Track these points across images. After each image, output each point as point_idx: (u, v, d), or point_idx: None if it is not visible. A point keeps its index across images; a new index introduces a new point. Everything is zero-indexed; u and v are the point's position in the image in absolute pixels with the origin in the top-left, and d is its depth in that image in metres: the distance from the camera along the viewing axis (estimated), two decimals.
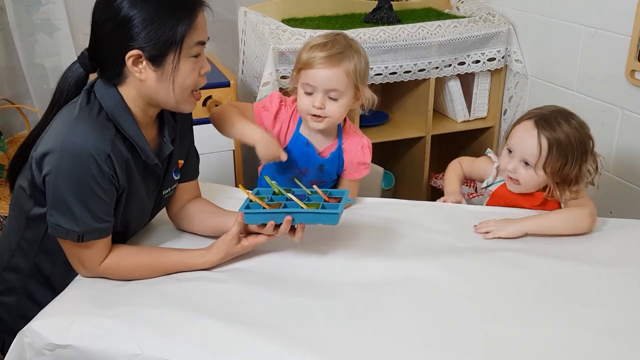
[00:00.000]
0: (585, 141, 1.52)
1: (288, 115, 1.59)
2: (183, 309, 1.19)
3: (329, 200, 1.34)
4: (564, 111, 1.56)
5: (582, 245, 1.44)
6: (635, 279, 1.31)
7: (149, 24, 1.19)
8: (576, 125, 1.52)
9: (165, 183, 1.42)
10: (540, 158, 1.50)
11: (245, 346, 1.09)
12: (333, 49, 1.45)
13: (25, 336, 1.16)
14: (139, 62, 1.22)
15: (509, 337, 1.11)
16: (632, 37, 1.92)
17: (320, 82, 1.46)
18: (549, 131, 1.49)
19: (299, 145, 1.58)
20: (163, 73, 1.23)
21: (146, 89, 1.25)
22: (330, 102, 1.48)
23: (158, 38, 1.20)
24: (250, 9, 2.40)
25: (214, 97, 2.16)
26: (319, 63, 1.44)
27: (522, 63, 2.42)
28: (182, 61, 1.24)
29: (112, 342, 1.12)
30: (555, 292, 1.25)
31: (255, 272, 1.33)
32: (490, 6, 2.51)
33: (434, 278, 1.29)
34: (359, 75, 1.48)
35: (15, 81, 2.43)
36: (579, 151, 1.50)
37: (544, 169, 1.51)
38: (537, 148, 1.50)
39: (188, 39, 1.23)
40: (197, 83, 1.29)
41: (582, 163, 1.50)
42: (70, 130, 1.19)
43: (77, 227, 1.21)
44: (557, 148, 1.48)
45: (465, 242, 1.45)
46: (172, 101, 1.28)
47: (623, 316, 1.18)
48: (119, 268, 1.30)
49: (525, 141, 1.52)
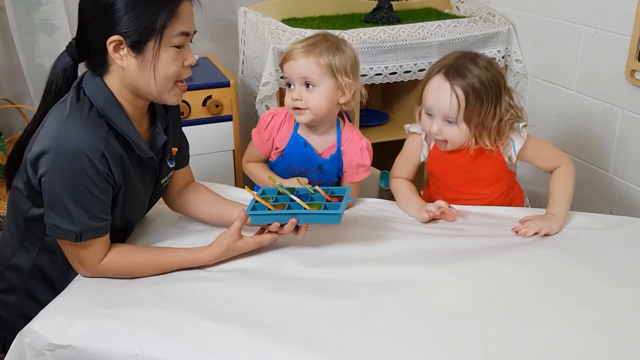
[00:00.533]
0: (497, 79, 1.47)
1: (279, 120, 1.61)
2: (183, 309, 1.19)
3: (331, 199, 1.37)
4: (468, 54, 1.50)
5: (583, 244, 1.44)
6: (635, 278, 1.31)
7: (130, 9, 1.19)
8: (485, 65, 1.47)
9: (162, 173, 1.42)
10: (460, 111, 1.45)
11: (245, 346, 1.09)
12: (308, 41, 1.51)
13: (25, 336, 1.16)
14: (120, 48, 1.22)
15: (509, 336, 1.11)
16: (632, 37, 1.92)
17: (294, 72, 1.50)
18: (460, 80, 1.44)
19: (297, 145, 1.59)
20: (143, 60, 1.23)
21: (128, 78, 1.25)
22: (307, 92, 1.50)
23: (139, 24, 1.20)
24: (250, 9, 2.40)
25: (214, 97, 2.16)
26: (293, 54, 1.50)
27: (522, 63, 2.42)
28: (163, 50, 1.23)
29: (112, 342, 1.12)
30: (555, 291, 1.25)
31: (255, 272, 1.33)
32: (490, 6, 2.51)
33: (434, 278, 1.29)
34: (336, 67, 1.49)
35: (15, 81, 2.43)
36: (494, 91, 1.45)
37: (465, 121, 1.46)
38: (455, 102, 1.44)
39: (170, 28, 1.22)
40: (180, 74, 1.29)
41: (498, 102, 1.46)
42: (63, 130, 1.19)
43: (74, 227, 1.21)
44: (474, 95, 1.43)
45: (464, 242, 1.45)
46: (154, 91, 1.27)
47: (625, 316, 1.18)
48: (119, 266, 1.30)
49: (441, 98, 1.46)
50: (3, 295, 1.38)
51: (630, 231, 1.51)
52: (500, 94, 1.46)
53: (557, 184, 1.54)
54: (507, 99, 1.48)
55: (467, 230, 1.50)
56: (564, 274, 1.31)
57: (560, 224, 1.47)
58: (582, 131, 2.21)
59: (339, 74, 1.50)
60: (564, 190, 1.53)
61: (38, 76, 2.41)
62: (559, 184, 1.54)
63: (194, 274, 1.32)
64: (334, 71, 1.49)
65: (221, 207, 1.49)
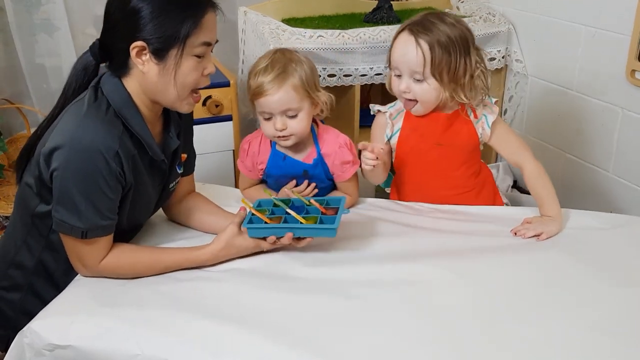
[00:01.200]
0: (464, 35, 1.45)
1: (257, 143, 1.61)
2: (183, 309, 1.19)
3: (326, 212, 1.39)
4: (435, 13, 1.49)
5: (582, 243, 1.44)
6: (636, 278, 1.31)
7: (155, 17, 1.21)
8: (452, 22, 1.45)
9: (171, 177, 1.43)
10: (426, 65, 1.43)
11: (245, 346, 1.09)
12: (274, 70, 1.46)
13: (24, 336, 1.16)
14: (143, 53, 1.24)
15: (509, 336, 1.11)
16: (632, 37, 1.92)
17: (274, 107, 1.47)
18: (425, 34, 1.42)
19: (277, 161, 1.59)
20: (164, 67, 1.25)
21: (147, 83, 1.27)
22: (290, 120, 1.49)
23: (163, 32, 1.22)
24: (250, 9, 2.40)
25: (214, 97, 2.16)
26: (266, 89, 1.46)
27: (522, 63, 2.42)
28: (185, 58, 1.25)
29: (112, 342, 1.12)
30: (555, 291, 1.25)
31: (255, 272, 1.33)
32: (491, 6, 2.51)
33: (433, 277, 1.29)
34: (308, 85, 1.48)
35: (15, 81, 2.43)
36: (461, 45, 1.43)
37: (433, 75, 1.43)
38: (421, 55, 1.42)
39: (193, 38, 1.24)
40: (198, 82, 1.30)
41: (467, 56, 1.44)
42: (79, 127, 1.20)
43: (81, 224, 1.22)
44: (440, 48, 1.41)
45: (463, 242, 1.45)
46: (172, 97, 1.28)
47: (625, 316, 1.17)
48: (119, 266, 1.30)
49: (406, 53, 1.44)
50: (6, 292, 1.38)
51: (630, 230, 1.50)
52: (469, 49, 1.44)
53: (538, 185, 1.53)
54: (476, 57, 1.46)
55: (467, 230, 1.50)
56: (564, 273, 1.31)
57: (559, 224, 1.47)
58: (582, 131, 2.21)
59: (312, 92, 1.50)
60: (547, 189, 1.52)
61: (38, 76, 2.41)
62: (540, 185, 1.52)
63: (194, 274, 1.32)
64: (308, 91, 1.49)
65: (219, 218, 1.48)
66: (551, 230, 1.45)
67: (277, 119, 1.49)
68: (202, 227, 1.51)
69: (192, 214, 1.52)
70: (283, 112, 1.48)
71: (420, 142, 1.53)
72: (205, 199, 1.56)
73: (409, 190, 1.64)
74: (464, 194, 1.61)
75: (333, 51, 2.16)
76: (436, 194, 1.59)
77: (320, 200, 1.43)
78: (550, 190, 1.52)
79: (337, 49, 2.16)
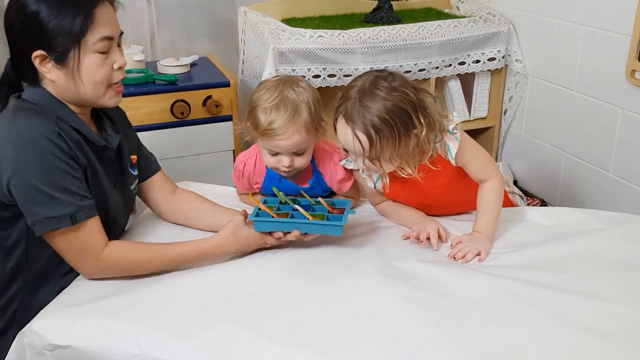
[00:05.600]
0: (401, 106, 1.33)
1: (252, 164, 1.58)
2: (183, 309, 1.19)
3: (332, 211, 1.39)
4: (364, 88, 1.34)
5: (582, 242, 1.43)
6: (635, 277, 1.31)
7: (50, 20, 1.18)
8: (383, 96, 1.32)
9: (128, 179, 1.42)
10: (365, 152, 1.34)
11: (245, 346, 1.09)
12: (287, 112, 1.40)
13: (25, 336, 1.16)
14: (45, 62, 1.22)
15: (507, 336, 1.11)
16: (633, 37, 1.92)
17: (286, 149, 1.44)
18: (360, 123, 1.32)
19: (273, 182, 1.56)
20: (68, 70, 1.22)
21: (60, 88, 1.25)
22: (298, 157, 1.47)
23: (57, 35, 1.19)
24: (250, 9, 2.41)
25: (214, 97, 2.16)
26: (279, 133, 1.40)
27: (522, 63, 2.42)
28: (85, 57, 1.22)
29: (112, 343, 1.12)
30: (554, 291, 1.25)
31: (255, 273, 1.33)
32: (491, 6, 2.51)
33: (433, 277, 1.29)
34: (317, 120, 1.45)
35: None
36: (401, 120, 1.33)
37: (378, 158, 1.36)
38: (359, 145, 1.34)
39: (89, 35, 1.21)
40: (111, 78, 1.27)
41: (409, 127, 1.34)
42: (13, 127, 1.18)
43: (65, 209, 1.18)
44: (377, 134, 1.32)
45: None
46: (89, 97, 1.26)
47: (627, 316, 1.17)
48: (124, 257, 1.27)
49: (347, 144, 1.37)
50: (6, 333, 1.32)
51: (629, 229, 1.50)
52: (409, 118, 1.34)
53: (484, 200, 1.48)
54: (420, 116, 1.35)
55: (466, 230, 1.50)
56: (564, 273, 1.31)
57: (489, 242, 1.43)
58: (582, 131, 2.22)
59: (319, 127, 1.46)
60: (490, 206, 1.46)
61: None
62: (487, 199, 1.47)
63: (194, 274, 1.32)
64: (316, 127, 1.45)
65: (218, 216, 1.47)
66: (486, 247, 1.41)
67: (285, 158, 1.45)
68: (202, 226, 1.49)
69: (186, 213, 1.50)
70: (292, 152, 1.45)
71: (403, 189, 1.50)
72: (197, 195, 1.54)
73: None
74: (468, 204, 1.58)
75: (333, 51, 2.16)
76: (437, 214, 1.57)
77: (327, 200, 1.43)
78: (493, 208, 1.46)
79: (337, 49, 2.16)
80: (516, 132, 2.57)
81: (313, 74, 2.16)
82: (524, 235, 1.48)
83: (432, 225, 1.45)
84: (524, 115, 2.50)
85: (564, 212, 1.61)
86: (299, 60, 2.14)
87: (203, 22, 2.67)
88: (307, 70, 2.16)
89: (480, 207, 1.48)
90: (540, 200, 2.45)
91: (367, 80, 1.36)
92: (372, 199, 1.60)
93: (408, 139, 1.35)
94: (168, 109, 2.12)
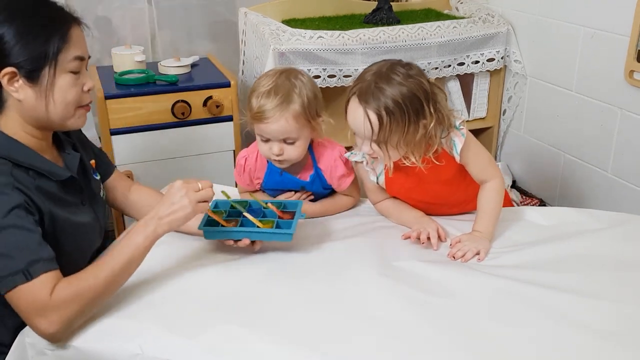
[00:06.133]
0: (414, 92, 1.35)
1: (254, 159, 1.60)
2: (183, 309, 1.19)
3: (283, 215, 1.39)
4: (382, 71, 1.37)
5: (581, 241, 1.44)
6: (635, 277, 1.31)
7: (20, 38, 1.16)
8: (399, 81, 1.34)
9: (94, 189, 1.38)
10: (373, 134, 1.36)
11: (246, 345, 1.10)
12: (277, 97, 1.43)
13: (27, 336, 1.17)
14: (15, 80, 1.18)
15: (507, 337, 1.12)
16: (631, 38, 1.93)
17: (273, 134, 1.46)
18: (372, 104, 1.34)
19: (274, 177, 1.58)
20: (40, 89, 1.20)
21: (27, 110, 1.21)
22: (288, 146, 1.48)
23: (31, 52, 1.17)
24: (250, 10, 2.41)
25: (214, 98, 2.16)
26: (267, 117, 1.43)
27: (521, 63, 2.43)
28: (60, 75, 1.20)
29: (113, 342, 1.12)
30: (554, 291, 1.25)
31: (256, 273, 1.33)
32: (490, 7, 2.52)
33: (433, 277, 1.29)
34: (310, 113, 1.46)
35: None
36: (411, 107, 1.34)
37: (385, 142, 1.37)
38: (369, 126, 1.35)
39: (64, 53, 1.20)
40: (81, 99, 1.25)
41: (420, 116, 1.36)
42: None
43: (17, 265, 1.09)
44: (389, 116, 1.33)
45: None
46: (57, 118, 1.23)
47: (627, 316, 1.17)
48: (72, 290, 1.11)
49: (356, 124, 1.38)
50: None
51: (627, 229, 1.51)
52: (421, 107, 1.36)
53: (485, 200, 1.48)
54: (431, 108, 1.37)
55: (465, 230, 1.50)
56: (563, 273, 1.32)
57: (488, 241, 1.43)
58: (580, 131, 2.22)
59: (313, 120, 1.47)
60: (490, 206, 1.47)
61: None
62: (486, 199, 1.48)
63: (194, 274, 1.32)
64: (309, 119, 1.46)
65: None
66: (485, 247, 1.41)
67: (275, 144, 1.47)
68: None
69: (143, 207, 1.47)
70: (281, 139, 1.47)
71: (406, 182, 1.51)
72: (149, 189, 1.52)
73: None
74: (467, 204, 1.58)
75: (333, 52, 2.17)
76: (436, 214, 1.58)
77: (277, 203, 1.43)
78: (493, 209, 1.47)
79: (337, 50, 2.17)
80: (515, 133, 2.57)
81: (313, 75, 2.17)
82: (523, 235, 1.49)
83: (431, 225, 1.46)
84: (523, 116, 2.51)
85: (563, 212, 1.62)
86: (299, 60, 2.14)
87: (204, 23, 2.67)
88: (307, 71, 2.14)
89: (480, 207, 1.49)
90: (539, 200, 2.46)
91: (385, 65, 1.38)
92: (373, 197, 1.60)
93: (417, 128, 1.36)
94: (169, 109, 2.13)
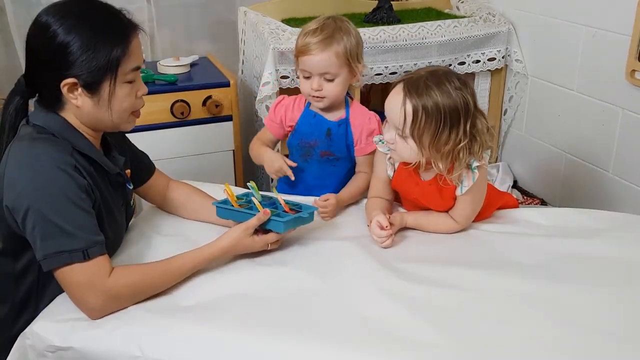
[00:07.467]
0: (457, 107, 1.35)
1: (292, 100, 1.72)
2: (183, 311, 1.19)
3: (289, 211, 1.44)
4: (437, 73, 1.39)
5: (580, 241, 1.44)
6: (634, 276, 1.31)
7: (83, 51, 1.18)
8: (448, 90, 1.35)
9: (128, 195, 1.43)
10: (405, 125, 1.37)
11: (246, 347, 1.09)
12: (322, 34, 1.57)
13: (27, 338, 1.17)
14: (74, 89, 1.21)
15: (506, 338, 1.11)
16: (632, 37, 1.93)
17: (314, 67, 1.58)
18: (415, 97, 1.35)
19: (307, 118, 1.69)
20: (99, 100, 1.23)
21: (84, 115, 1.25)
22: (327, 83, 1.60)
23: (93, 66, 1.19)
24: (250, 9, 2.41)
25: (214, 97, 2.16)
26: (311, 49, 1.57)
27: (522, 63, 2.42)
28: (118, 87, 1.23)
29: (113, 344, 1.12)
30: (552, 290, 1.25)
31: (256, 274, 1.33)
32: (491, 6, 2.51)
33: (432, 277, 1.29)
34: (350, 55, 1.58)
35: (15, 81, 2.43)
36: (449, 117, 1.35)
37: (412, 136, 1.37)
38: (402, 114, 1.36)
39: (123, 66, 1.22)
40: (135, 105, 1.29)
41: (454, 128, 1.36)
42: (30, 157, 1.16)
43: (78, 244, 1.15)
44: (424, 114, 1.34)
45: (463, 242, 1.45)
46: (111, 123, 1.27)
47: (627, 316, 1.17)
48: (130, 279, 1.20)
49: (392, 108, 1.39)
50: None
51: (629, 229, 1.50)
52: (459, 121, 1.36)
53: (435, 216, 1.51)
54: (469, 126, 1.37)
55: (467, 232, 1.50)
56: (563, 273, 1.31)
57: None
58: (582, 131, 2.22)
59: (353, 62, 1.59)
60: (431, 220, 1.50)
61: None
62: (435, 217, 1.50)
63: (194, 276, 1.32)
64: (349, 60, 1.58)
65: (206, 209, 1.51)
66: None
67: (315, 79, 1.59)
68: (198, 217, 1.54)
69: (184, 204, 1.55)
70: (321, 74, 1.58)
71: (414, 187, 1.52)
72: (192, 188, 1.58)
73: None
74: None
75: None
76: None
77: (293, 203, 1.46)
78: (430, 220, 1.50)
79: None
80: (516, 132, 2.57)
81: None
82: (523, 235, 1.48)
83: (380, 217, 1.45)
84: (524, 115, 2.50)
85: (564, 212, 1.62)
86: None
87: (203, 22, 2.67)
88: None
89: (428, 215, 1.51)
90: (540, 200, 2.45)
91: (443, 70, 1.43)
92: (375, 188, 1.60)
93: (448, 139, 1.37)
94: (168, 109, 2.12)
